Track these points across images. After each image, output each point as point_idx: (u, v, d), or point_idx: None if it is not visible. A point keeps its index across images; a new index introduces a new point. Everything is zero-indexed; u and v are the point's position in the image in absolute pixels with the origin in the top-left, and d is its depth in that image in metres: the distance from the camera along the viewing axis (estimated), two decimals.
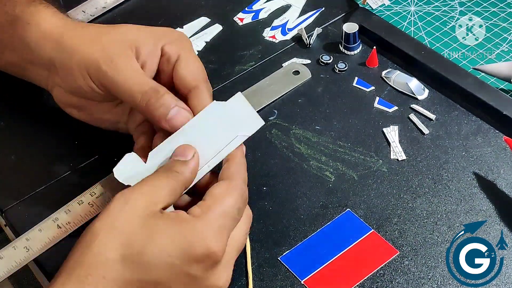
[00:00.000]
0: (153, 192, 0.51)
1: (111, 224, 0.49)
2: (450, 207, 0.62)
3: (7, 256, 0.59)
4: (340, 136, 0.68)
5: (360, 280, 0.58)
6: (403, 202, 0.63)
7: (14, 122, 0.73)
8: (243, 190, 0.54)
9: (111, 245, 0.48)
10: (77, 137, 0.70)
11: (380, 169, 0.65)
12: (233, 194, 0.53)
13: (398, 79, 0.72)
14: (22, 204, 0.65)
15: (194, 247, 0.49)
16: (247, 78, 0.75)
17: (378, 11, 0.81)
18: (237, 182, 0.54)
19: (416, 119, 0.69)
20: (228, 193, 0.53)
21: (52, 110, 0.72)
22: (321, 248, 0.60)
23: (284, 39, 0.79)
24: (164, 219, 0.50)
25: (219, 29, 0.81)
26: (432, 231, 0.60)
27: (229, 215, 0.52)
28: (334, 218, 0.62)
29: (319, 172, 0.66)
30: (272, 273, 0.58)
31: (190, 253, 0.49)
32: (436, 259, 0.58)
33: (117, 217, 0.49)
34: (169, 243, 0.48)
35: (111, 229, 0.48)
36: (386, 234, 0.60)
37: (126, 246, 0.48)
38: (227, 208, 0.52)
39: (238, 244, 0.54)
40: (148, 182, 0.52)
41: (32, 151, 0.70)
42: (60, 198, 0.64)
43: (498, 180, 0.64)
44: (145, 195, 0.51)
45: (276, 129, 0.70)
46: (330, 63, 0.75)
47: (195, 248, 0.49)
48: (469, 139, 0.67)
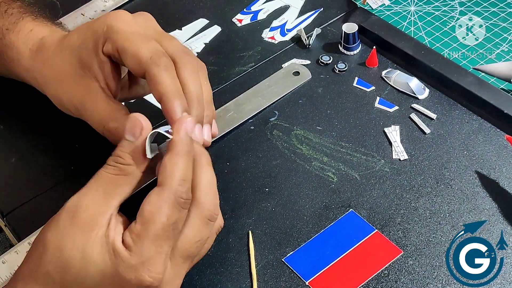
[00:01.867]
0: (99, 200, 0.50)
1: (59, 242, 0.49)
2: (453, 207, 0.62)
3: (10, 260, 0.59)
4: (342, 137, 0.68)
5: (364, 281, 0.57)
6: (406, 201, 0.63)
7: (14, 125, 0.72)
8: (176, 196, 0.49)
9: (56, 265, 0.49)
10: (78, 140, 0.70)
11: (382, 169, 0.65)
12: (164, 209, 0.49)
13: (399, 79, 0.72)
14: (24, 208, 0.65)
15: (127, 282, 0.49)
16: (247, 79, 0.75)
17: (378, 11, 0.81)
18: (167, 190, 0.49)
19: (417, 118, 0.69)
20: (158, 209, 0.49)
21: (52, 114, 0.72)
22: (325, 249, 0.60)
23: (283, 40, 0.79)
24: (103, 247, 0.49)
25: (218, 30, 0.81)
26: (436, 231, 0.60)
27: (163, 237, 0.49)
28: (337, 218, 0.62)
29: (321, 173, 0.66)
30: (277, 275, 0.58)
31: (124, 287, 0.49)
32: (440, 259, 0.58)
33: (64, 235, 0.49)
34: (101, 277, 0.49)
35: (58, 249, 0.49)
36: (390, 234, 0.60)
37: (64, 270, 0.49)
38: (159, 231, 0.48)
39: (186, 254, 0.51)
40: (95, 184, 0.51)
41: (33, 154, 0.69)
42: (62, 201, 0.63)
43: (500, 179, 0.64)
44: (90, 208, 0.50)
45: (277, 130, 0.70)
46: (330, 63, 0.75)
47: (128, 283, 0.49)
48: (470, 138, 0.67)
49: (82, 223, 0.50)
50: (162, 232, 0.49)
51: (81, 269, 0.49)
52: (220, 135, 0.68)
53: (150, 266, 0.49)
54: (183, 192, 0.50)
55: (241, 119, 0.70)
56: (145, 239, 0.48)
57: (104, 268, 0.49)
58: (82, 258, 0.49)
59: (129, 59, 0.56)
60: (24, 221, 0.63)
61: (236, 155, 0.67)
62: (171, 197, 0.49)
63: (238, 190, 0.65)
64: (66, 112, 0.64)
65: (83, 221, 0.50)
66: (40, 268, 0.50)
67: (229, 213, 0.63)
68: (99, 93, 0.60)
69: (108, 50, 0.58)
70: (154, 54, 0.56)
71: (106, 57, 0.59)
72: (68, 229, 0.50)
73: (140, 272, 0.48)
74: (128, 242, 0.49)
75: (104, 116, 0.59)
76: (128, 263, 0.48)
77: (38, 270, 0.50)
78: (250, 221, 0.62)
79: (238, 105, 0.72)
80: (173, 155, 0.50)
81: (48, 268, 0.49)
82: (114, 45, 0.57)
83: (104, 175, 0.52)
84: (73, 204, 0.51)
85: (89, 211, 0.50)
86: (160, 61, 0.55)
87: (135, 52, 0.56)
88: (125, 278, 0.49)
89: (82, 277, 0.49)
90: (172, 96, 0.54)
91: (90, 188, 0.51)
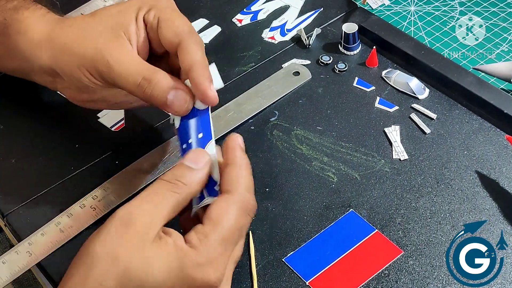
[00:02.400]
0: (154, 213, 0.50)
1: (112, 252, 0.48)
2: (453, 206, 0.62)
3: (10, 261, 0.59)
4: (342, 137, 0.68)
5: (365, 281, 0.57)
6: (406, 201, 0.63)
7: (14, 125, 0.72)
8: (245, 202, 0.52)
9: (111, 275, 0.48)
10: (78, 140, 0.70)
11: (383, 169, 0.65)
12: (233, 213, 0.50)
13: (399, 79, 0.72)
14: (24, 208, 0.64)
15: (192, 280, 0.49)
16: (247, 79, 0.75)
17: (378, 11, 0.81)
18: (236, 196, 0.51)
19: (417, 118, 0.69)
20: (226, 213, 0.50)
21: (52, 113, 0.72)
22: (325, 248, 0.60)
23: (283, 40, 0.79)
24: (163, 248, 0.49)
25: (218, 30, 0.81)
26: (436, 231, 0.60)
27: (230, 240, 0.50)
28: (337, 218, 0.62)
29: (322, 173, 0.65)
30: (277, 275, 0.58)
31: (189, 285, 0.49)
32: (440, 259, 0.58)
33: (117, 245, 0.48)
34: (166, 275, 0.48)
35: (112, 259, 0.48)
36: (390, 234, 0.60)
37: (124, 278, 0.48)
38: (226, 233, 0.50)
39: (236, 259, 0.53)
40: (149, 197, 0.51)
41: (33, 154, 0.69)
42: (62, 201, 0.64)
43: (500, 179, 0.64)
44: (145, 216, 0.50)
45: (278, 130, 0.70)
46: (330, 63, 0.75)
47: (193, 280, 0.49)
48: (470, 138, 0.67)
49: (137, 230, 0.49)
50: (229, 234, 0.50)
51: (144, 273, 0.48)
52: (220, 135, 0.68)
53: (216, 265, 0.49)
54: (250, 198, 0.52)
55: (241, 119, 0.70)
56: (213, 240, 0.49)
57: (169, 268, 0.48)
58: (143, 263, 0.48)
59: (167, 29, 0.60)
60: (24, 222, 0.63)
61: None
62: (239, 203, 0.51)
63: None
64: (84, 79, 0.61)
65: (138, 228, 0.49)
66: (89, 282, 0.48)
67: None
68: (134, 51, 0.60)
69: (149, 18, 0.61)
70: (192, 30, 0.60)
71: (143, 24, 0.61)
72: (123, 238, 0.48)
73: (206, 270, 0.49)
74: (194, 242, 0.49)
75: (143, 67, 0.59)
76: (195, 261, 0.49)
77: (87, 285, 0.48)
78: None
79: (238, 105, 0.72)
80: (236, 166, 0.53)
81: (100, 280, 0.47)
82: (157, 14, 0.61)
83: (159, 188, 0.52)
84: (125, 213, 0.50)
85: (143, 219, 0.49)
86: (196, 37, 0.60)
87: (175, 24, 0.60)
88: (191, 276, 0.48)
89: (144, 281, 0.48)
90: (203, 66, 0.58)
91: (142, 199, 0.51)
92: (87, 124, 0.71)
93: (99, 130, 0.71)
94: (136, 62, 0.59)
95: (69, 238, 0.61)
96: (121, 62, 0.59)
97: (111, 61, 0.59)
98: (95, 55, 0.59)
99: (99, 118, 0.72)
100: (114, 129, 0.71)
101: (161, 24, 0.60)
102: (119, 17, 0.61)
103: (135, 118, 0.72)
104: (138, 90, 0.58)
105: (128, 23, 0.61)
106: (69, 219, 0.61)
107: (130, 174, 0.65)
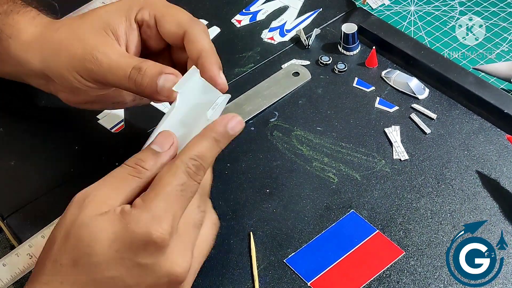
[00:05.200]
0: (110, 194, 0.51)
1: (64, 231, 0.50)
2: (454, 207, 0.62)
3: (11, 263, 0.59)
4: (342, 137, 0.68)
5: (366, 281, 0.57)
6: (407, 202, 0.63)
7: (13, 128, 0.72)
8: (185, 166, 0.51)
9: (64, 251, 0.49)
10: (78, 142, 0.70)
11: (383, 169, 0.65)
12: (174, 173, 0.50)
13: (398, 79, 0.72)
14: (24, 210, 0.64)
15: (136, 236, 0.49)
16: (247, 80, 0.75)
17: (378, 11, 0.81)
18: (177, 160, 0.51)
19: (417, 118, 0.69)
20: (168, 174, 0.51)
21: (51, 116, 0.72)
22: (327, 249, 0.60)
23: (282, 41, 0.79)
24: (109, 216, 0.49)
25: (217, 31, 0.81)
26: (437, 231, 0.60)
27: (171, 196, 0.50)
28: (338, 219, 0.62)
29: (322, 173, 0.65)
30: (278, 276, 0.58)
31: (133, 242, 0.49)
32: (441, 259, 0.58)
33: (69, 224, 0.50)
34: (113, 239, 0.49)
35: (64, 237, 0.50)
36: (391, 234, 0.60)
37: (75, 251, 0.49)
38: (168, 189, 0.50)
39: (192, 222, 0.52)
40: (109, 180, 0.52)
41: (33, 156, 0.69)
42: (62, 203, 0.63)
43: (501, 179, 0.64)
44: (101, 197, 0.50)
45: (278, 131, 0.69)
46: (329, 63, 0.75)
47: (136, 236, 0.49)
48: (471, 137, 0.67)
49: (90, 209, 0.50)
50: (170, 191, 0.50)
51: (92, 242, 0.48)
52: None
53: (160, 221, 0.49)
54: (193, 165, 0.51)
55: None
56: (154, 198, 0.49)
57: (114, 232, 0.48)
58: (91, 234, 0.49)
59: (168, 23, 0.61)
60: (24, 224, 0.63)
61: (236, 156, 0.67)
62: (180, 165, 0.51)
63: (238, 191, 0.64)
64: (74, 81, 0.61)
65: (91, 207, 0.50)
66: (47, 263, 0.50)
67: (230, 214, 0.63)
68: (122, 49, 0.61)
69: (143, 17, 0.61)
70: (193, 19, 0.61)
71: (136, 25, 0.61)
72: (76, 217, 0.50)
73: (149, 224, 0.49)
74: (137, 203, 0.50)
75: (132, 60, 0.59)
76: (137, 218, 0.49)
77: (46, 264, 0.50)
78: (251, 222, 0.62)
79: (238, 106, 0.71)
80: (201, 136, 0.53)
81: (55, 258, 0.49)
82: (152, 12, 0.61)
83: (119, 172, 0.52)
84: (82, 195, 0.51)
85: (97, 199, 0.50)
86: (200, 24, 0.61)
87: (175, 16, 0.61)
88: (134, 233, 0.48)
89: (92, 249, 0.48)
90: (212, 55, 0.59)
91: (100, 183, 0.52)
92: (87, 126, 0.71)
93: (99, 132, 0.70)
94: (124, 55, 0.60)
95: None
96: (109, 57, 0.59)
97: (100, 57, 0.59)
98: (83, 54, 0.60)
99: (98, 119, 0.72)
100: (114, 131, 0.71)
101: (160, 20, 0.61)
102: (108, 17, 0.61)
103: (134, 120, 0.72)
104: (129, 82, 0.58)
105: (117, 23, 0.61)
106: None
107: None
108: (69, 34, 0.62)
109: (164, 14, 0.61)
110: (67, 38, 0.61)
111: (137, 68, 0.58)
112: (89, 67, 0.59)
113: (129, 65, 0.58)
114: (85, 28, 0.61)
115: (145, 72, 0.58)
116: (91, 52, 0.59)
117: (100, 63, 0.59)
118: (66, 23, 0.64)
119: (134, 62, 0.58)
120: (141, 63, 0.58)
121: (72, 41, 0.61)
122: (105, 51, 0.59)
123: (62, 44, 0.61)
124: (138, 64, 0.58)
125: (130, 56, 0.61)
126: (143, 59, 0.59)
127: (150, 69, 0.57)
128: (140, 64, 0.58)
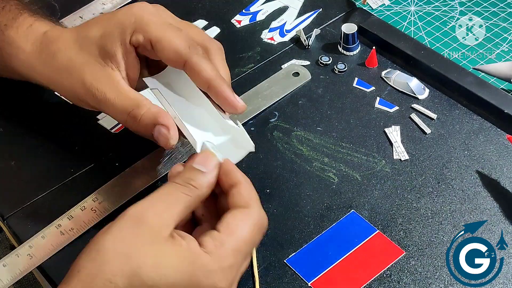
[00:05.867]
0: (166, 212, 0.50)
1: (124, 249, 0.48)
2: (454, 206, 0.62)
3: (11, 264, 0.59)
4: (342, 137, 0.68)
5: (367, 281, 0.57)
6: (407, 202, 0.63)
7: (13, 128, 0.72)
8: (261, 219, 0.53)
9: (122, 273, 0.47)
10: (77, 142, 0.69)
11: (383, 170, 0.65)
12: (250, 227, 0.51)
13: (398, 79, 0.72)
14: (24, 211, 0.64)
15: (201, 284, 0.49)
16: (247, 81, 0.75)
17: (378, 11, 0.81)
18: (253, 211, 0.52)
19: (417, 118, 0.69)
20: (244, 225, 0.51)
21: (52, 115, 0.72)
22: (327, 249, 0.60)
23: (282, 41, 0.79)
24: (176, 248, 0.49)
25: (217, 31, 0.81)
26: (438, 231, 0.60)
27: (243, 253, 0.51)
28: (338, 219, 0.62)
29: (322, 174, 0.65)
30: (279, 276, 0.58)
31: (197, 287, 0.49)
32: (442, 259, 0.58)
33: (129, 242, 0.48)
34: (178, 276, 0.48)
35: (124, 257, 0.48)
36: (392, 234, 0.60)
37: (135, 276, 0.47)
38: (242, 244, 0.51)
39: (242, 272, 0.53)
40: (162, 197, 0.51)
41: (33, 156, 0.69)
42: (62, 204, 0.63)
43: (501, 179, 0.64)
44: (158, 215, 0.50)
45: (278, 131, 0.69)
46: (329, 64, 0.75)
47: (202, 285, 0.49)
48: (471, 138, 0.67)
49: (150, 229, 0.49)
50: (243, 246, 0.51)
51: (155, 272, 0.48)
52: None
53: (226, 275, 0.49)
54: (265, 217, 0.53)
55: (241, 121, 0.70)
56: (228, 249, 0.50)
57: (181, 270, 0.48)
58: (156, 262, 0.48)
59: (166, 50, 0.59)
60: (24, 224, 0.63)
61: None
62: (257, 219, 0.52)
63: None
64: (80, 104, 0.63)
65: (151, 227, 0.49)
66: (97, 279, 0.47)
67: None
68: (121, 82, 0.60)
69: (138, 40, 0.60)
70: (191, 44, 0.59)
71: (132, 47, 0.60)
72: (135, 236, 0.48)
73: (217, 278, 0.49)
74: (210, 248, 0.49)
75: (128, 103, 0.59)
76: (207, 267, 0.49)
77: (95, 281, 0.47)
78: None
79: None
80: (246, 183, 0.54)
81: (109, 277, 0.47)
82: (147, 36, 0.59)
83: (171, 190, 0.52)
84: (138, 212, 0.50)
85: (155, 219, 0.49)
86: (198, 50, 0.59)
87: (172, 44, 0.59)
88: (201, 281, 0.48)
89: (156, 281, 0.48)
90: (220, 80, 0.59)
91: (155, 200, 0.51)
92: (87, 126, 0.71)
93: (99, 132, 0.70)
94: (123, 96, 0.60)
95: (70, 240, 0.61)
96: (106, 96, 0.60)
97: (98, 96, 0.60)
98: (83, 89, 0.61)
99: (98, 120, 0.72)
100: (114, 131, 0.71)
101: (156, 45, 0.59)
102: (104, 43, 0.61)
103: None
104: (127, 125, 0.60)
105: (114, 49, 0.60)
106: (69, 221, 0.61)
107: (130, 176, 0.65)
108: (66, 65, 0.62)
109: (159, 39, 0.59)
110: (66, 70, 0.62)
111: (132, 116, 0.59)
112: (88, 101, 0.61)
113: (125, 111, 0.59)
114: (82, 58, 0.61)
115: (140, 121, 0.59)
116: (90, 90, 0.60)
117: (98, 101, 0.60)
118: (62, 48, 0.63)
119: (130, 106, 0.59)
120: (137, 109, 0.59)
121: (70, 74, 0.62)
122: (103, 89, 0.60)
123: (61, 75, 0.62)
124: (133, 113, 0.59)
125: (127, 97, 0.60)
126: (140, 103, 0.59)
127: (144, 119, 0.58)
128: (135, 112, 0.59)
